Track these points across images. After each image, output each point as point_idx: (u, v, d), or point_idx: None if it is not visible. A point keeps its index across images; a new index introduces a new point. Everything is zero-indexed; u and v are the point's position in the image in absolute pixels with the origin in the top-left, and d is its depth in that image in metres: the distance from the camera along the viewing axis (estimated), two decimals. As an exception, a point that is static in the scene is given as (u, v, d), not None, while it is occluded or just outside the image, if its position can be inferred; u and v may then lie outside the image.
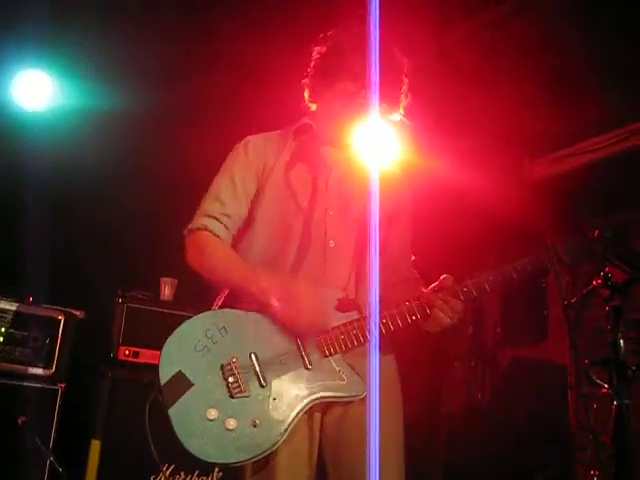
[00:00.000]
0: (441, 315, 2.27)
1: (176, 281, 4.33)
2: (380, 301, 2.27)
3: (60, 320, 3.95)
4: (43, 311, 3.95)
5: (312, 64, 2.52)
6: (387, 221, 2.47)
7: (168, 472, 3.88)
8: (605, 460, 2.21)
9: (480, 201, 4.26)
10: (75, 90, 4.41)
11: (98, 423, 3.86)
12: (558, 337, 4.80)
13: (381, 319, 2.27)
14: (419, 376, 4.64)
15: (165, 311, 4.12)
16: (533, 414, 4.38)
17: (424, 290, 2.33)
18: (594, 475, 2.68)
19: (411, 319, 2.29)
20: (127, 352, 4.01)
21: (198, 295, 2.74)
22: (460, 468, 4.80)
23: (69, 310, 4.01)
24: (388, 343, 2.36)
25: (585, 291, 2.39)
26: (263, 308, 2.27)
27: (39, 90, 4.36)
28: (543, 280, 5.00)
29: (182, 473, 3.92)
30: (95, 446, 3.80)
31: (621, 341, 2.24)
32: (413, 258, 2.59)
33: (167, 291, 4.34)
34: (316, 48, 2.51)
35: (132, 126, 4.38)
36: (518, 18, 4.03)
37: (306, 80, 2.53)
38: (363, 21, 2.40)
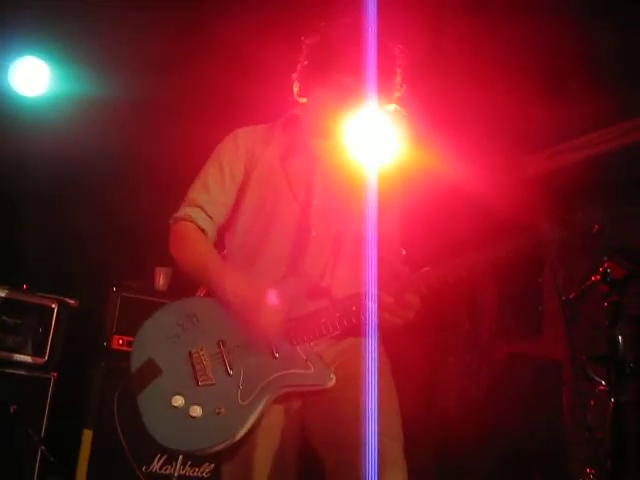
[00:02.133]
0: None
1: (171, 270, 4.31)
2: (359, 296, 2.24)
3: (54, 308, 3.93)
4: (37, 299, 3.93)
5: (303, 57, 2.48)
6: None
7: (160, 462, 3.87)
8: (602, 458, 2.20)
9: (475, 196, 4.25)
10: (71, 77, 4.38)
11: (90, 412, 3.84)
12: (553, 333, 4.80)
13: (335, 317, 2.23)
14: (413, 371, 4.63)
15: (159, 300, 4.07)
16: (527, 409, 4.37)
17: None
18: (590, 473, 2.67)
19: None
20: (121, 341, 3.99)
21: (193, 284, 2.71)
22: (452, 462, 4.80)
23: (63, 298, 3.99)
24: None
25: (584, 287, 2.37)
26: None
27: (35, 77, 4.32)
28: (539, 276, 4.99)
29: (174, 463, 3.90)
30: (87, 436, 3.79)
31: (619, 337, 2.22)
32: (404, 252, 2.56)
33: (162, 280, 4.32)
34: (306, 41, 2.48)
35: (128, 114, 4.36)
36: (513, 14, 4.02)
37: (296, 74, 2.50)
38: (355, 13, 2.37)
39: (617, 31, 3.80)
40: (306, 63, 2.47)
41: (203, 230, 2.38)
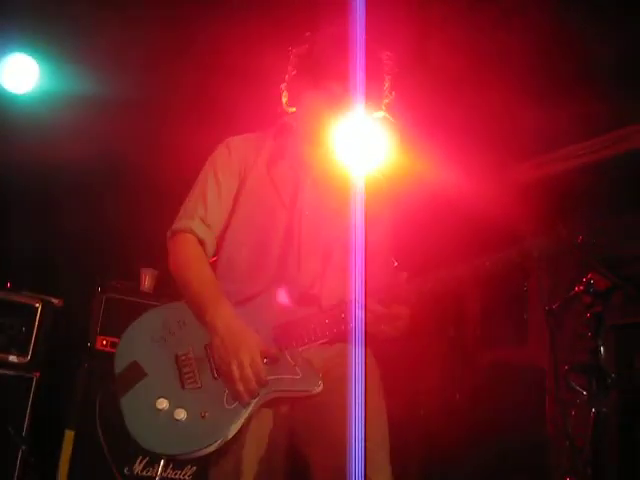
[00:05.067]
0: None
1: (156, 272, 4.29)
2: (348, 303, 2.24)
3: (37, 307, 3.90)
4: (20, 298, 3.90)
5: (291, 67, 2.50)
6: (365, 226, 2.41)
7: (142, 464, 3.85)
8: (581, 467, 2.21)
9: (464, 203, 4.26)
10: (60, 75, 4.35)
11: (72, 413, 3.82)
12: (537, 341, 4.81)
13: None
14: (397, 377, 4.63)
15: (144, 302, 4.07)
16: (511, 417, 4.38)
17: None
18: (569, 482, 2.68)
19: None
20: (105, 342, 3.97)
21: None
22: (435, 468, 4.80)
23: (47, 297, 3.96)
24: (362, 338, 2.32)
25: (567, 296, 2.39)
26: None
27: (24, 74, 4.29)
28: (524, 284, 5.01)
29: (155, 466, 3.88)
30: (69, 437, 3.76)
31: (601, 348, 2.23)
32: (396, 264, 2.56)
33: (147, 282, 4.30)
34: (293, 51, 2.50)
35: (117, 114, 4.33)
36: (503, 21, 4.04)
37: (284, 84, 2.51)
38: (342, 21, 2.38)
39: (611, 38, 3.81)
40: (294, 72, 2.48)
41: (203, 242, 2.37)
